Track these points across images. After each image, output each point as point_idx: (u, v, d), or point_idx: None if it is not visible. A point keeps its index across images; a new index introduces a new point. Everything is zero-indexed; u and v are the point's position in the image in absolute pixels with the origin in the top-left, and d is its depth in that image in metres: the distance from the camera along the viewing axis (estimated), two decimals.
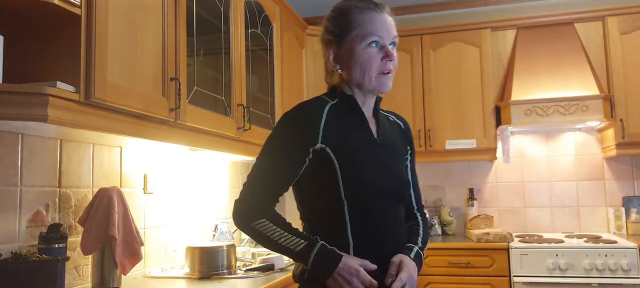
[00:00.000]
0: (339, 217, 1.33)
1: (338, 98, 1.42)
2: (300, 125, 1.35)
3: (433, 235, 3.66)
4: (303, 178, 1.36)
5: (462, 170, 3.84)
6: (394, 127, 1.55)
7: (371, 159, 1.37)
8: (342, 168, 1.32)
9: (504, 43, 3.55)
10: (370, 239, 1.36)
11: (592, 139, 3.64)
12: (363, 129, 1.41)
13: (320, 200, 1.37)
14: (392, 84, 1.40)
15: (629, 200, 3.51)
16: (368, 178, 1.34)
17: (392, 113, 1.60)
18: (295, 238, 1.30)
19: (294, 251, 1.29)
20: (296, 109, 1.38)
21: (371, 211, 1.36)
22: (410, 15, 4.00)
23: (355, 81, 1.39)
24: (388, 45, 1.38)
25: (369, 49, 1.36)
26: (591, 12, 3.40)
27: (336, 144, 1.33)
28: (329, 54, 1.42)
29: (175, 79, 1.95)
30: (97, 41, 1.53)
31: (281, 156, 1.35)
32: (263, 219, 1.31)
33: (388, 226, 1.39)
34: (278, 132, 1.39)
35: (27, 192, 1.74)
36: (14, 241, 1.67)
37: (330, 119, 1.35)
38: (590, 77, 3.25)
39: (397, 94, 3.63)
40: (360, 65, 1.36)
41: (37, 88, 1.38)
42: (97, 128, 1.60)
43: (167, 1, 1.93)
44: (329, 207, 1.35)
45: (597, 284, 2.90)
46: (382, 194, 1.37)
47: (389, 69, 1.38)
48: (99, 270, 1.88)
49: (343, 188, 1.32)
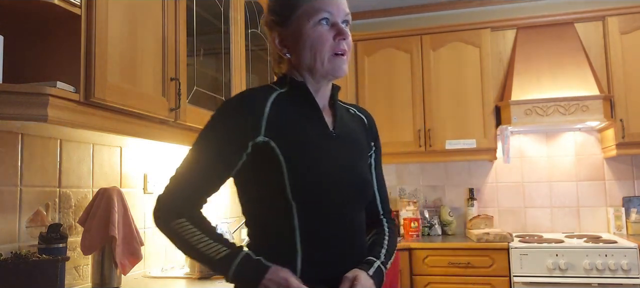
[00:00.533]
0: (286, 222, 1.15)
1: (288, 86, 1.24)
2: (239, 114, 1.17)
3: (433, 235, 3.66)
4: (245, 177, 1.20)
5: (462, 170, 3.84)
6: (355, 120, 1.36)
7: (324, 154, 1.19)
8: (288, 163, 1.14)
9: (504, 43, 3.55)
10: (323, 248, 1.17)
11: (592, 139, 3.64)
12: (315, 119, 1.23)
13: (265, 202, 1.19)
14: (347, 68, 1.24)
15: (629, 200, 3.51)
16: (319, 176, 1.16)
17: (355, 106, 1.42)
18: (216, 244, 1.13)
19: (214, 259, 1.12)
20: (237, 97, 1.22)
21: (324, 215, 1.17)
22: (410, 15, 4.00)
23: (305, 65, 1.21)
24: (340, 23, 1.21)
25: (318, 27, 1.19)
26: (591, 12, 3.40)
27: (282, 136, 1.16)
28: (274, 37, 1.25)
29: (175, 79, 1.95)
30: (97, 41, 1.53)
31: (212, 150, 1.17)
32: (182, 220, 1.15)
33: (344, 233, 1.21)
34: (212, 123, 1.20)
35: (27, 192, 1.74)
36: (14, 241, 1.67)
37: (277, 109, 1.18)
38: (590, 77, 3.25)
39: (397, 94, 3.63)
40: (309, 46, 1.19)
41: (37, 88, 1.38)
42: (97, 128, 1.60)
43: (167, 1, 1.93)
44: (274, 210, 1.17)
45: (597, 284, 2.90)
46: (337, 194, 1.18)
47: (342, 49, 1.20)
48: (99, 270, 1.88)
49: (289, 186, 1.13)
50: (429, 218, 3.72)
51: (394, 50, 3.67)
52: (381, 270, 1.24)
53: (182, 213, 1.15)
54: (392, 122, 3.63)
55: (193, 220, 1.16)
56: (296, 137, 1.17)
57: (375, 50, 3.70)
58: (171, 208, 1.16)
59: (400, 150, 3.59)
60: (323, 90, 1.27)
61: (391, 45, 3.68)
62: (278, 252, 1.15)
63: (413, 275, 3.21)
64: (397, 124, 3.62)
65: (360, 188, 1.26)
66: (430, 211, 3.79)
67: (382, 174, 1.41)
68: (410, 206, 3.66)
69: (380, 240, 1.33)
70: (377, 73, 3.69)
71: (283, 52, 1.25)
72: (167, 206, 1.17)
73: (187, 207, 1.17)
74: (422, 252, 3.21)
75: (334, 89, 1.31)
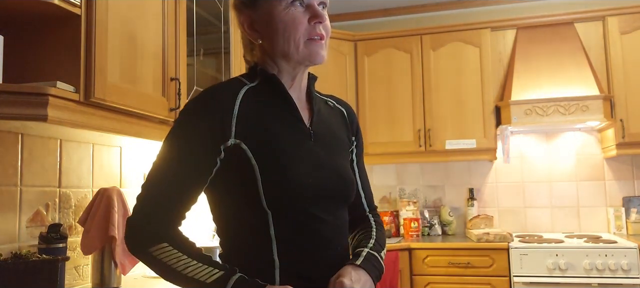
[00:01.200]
0: (262, 233, 1.05)
1: (258, 79, 1.13)
2: (206, 115, 1.04)
3: (433, 235, 3.66)
4: (215, 184, 1.07)
5: (462, 170, 3.84)
6: (334, 114, 1.25)
7: (301, 155, 1.08)
8: (262, 169, 1.03)
9: (504, 43, 3.55)
10: (303, 259, 1.07)
11: (592, 139, 3.64)
12: (290, 116, 1.12)
13: (239, 211, 1.07)
14: (326, 54, 1.13)
15: (629, 200, 3.50)
16: (296, 180, 1.05)
17: (333, 97, 1.30)
18: (206, 267, 1.00)
19: (205, 283, 0.98)
20: (202, 95, 1.08)
21: (303, 222, 1.07)
22: (410, 15, 4.00)
23: (279, 51, 1.10)
24: (316, 4, 1.10)
25: (291, 9, 1.07)
26: (591, 12, 3.40)
27: (253, 137, 1.05)
28: (243, 21, 1.13)
29: (175, 79, 1.95)
30: (97, 41, 1.53)
31: (183, 158, 1.04)
32: (164, 244, 1.00)
33: (325, 240, 1.09)
34: (179, 127, 1.07)
35: (27, 192, 1.74)
36: (14, 241, 1.67)
37: (246, 106, 1.06)
38: (590, 77, 3.25)
39: (397, 94, 3.63)
40: (282, 30, 1.08)
41: (37, 88, 1.38)
42: (97, 128, 1.60)
43: (167, 1, 1.93)
44: (248, 220, 1.06)
45: (597, 284, 2.90)
46: (316, 199, 1.08)
47: (319, 33, 1.09)
48: (98, 270, 1.88)
49: (264, 194, 1.03)
50: (429, 218, 3.72)
51: (394, 50, 3.67)
52: (372, 256, 1.14)
53: (160, 237, 1.01)
54: (392, 122, 3.63)
55: (174, 243, 1.01)
56: (269, 138, 1.06)
57: (375, 50, 3.70)
58: (147, 233, 1.02)
59: (400, 150, 3.59)
60: (299, 81, 1.16)
61: (391, 45, 3.68)
62: (254, 266, 1.04)
63: (413, 275, 3.21)
64: (397, 124, 3.62)
65: (342, 189, 1.15)
66: (430, 211, 3.79)
67: (364, 170, 1.31)
68: (410, 206, 3.66)
69: (368, 234, 1.23)
70: (377, 73, 3.69)
71: (254, 38, 1.13)
72: (141, 231, 1.02)
73: (165, 228, 1.02)
74: (422, 252, 3.21)
75: (310, 80, 1.20)
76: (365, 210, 1.30)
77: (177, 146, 1.06)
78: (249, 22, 1.13)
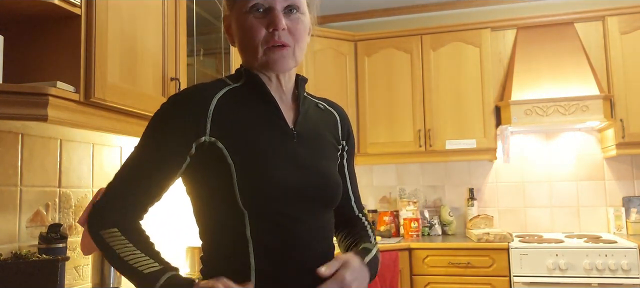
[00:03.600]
0: (238, 233, 1.03)
1: (243, 79, 1.12)
2: (180, 112, 1.04)
3: (433, 235, 3.66)
4: (193, 183, 1.08)
5: (462, 170, 3.84)
6: (324, 116, 1.22)
7: (281, 154, 1.06)
8: (237, 166, 1.02)
9: (504, 43, 3.55)
10: (280, 262, 1.03)
11: (592, 139, 3.64)
12: (272, 116, 1.09)
13: (216, 212, 1.06)
14: (293, 61, 1.08)
15: (629, 200, 3.50)
16: (273, 180, 1.03)
17: (326, 100, 1.27)
18: (147, 259, 1.00)
19: (140, 274, 0.99)
20: (180, 93, 1.10)
21: (279, 223, 1.03)
22: (410, 15, 4.00)
23: (244, 57, 1.11)
24: (279, 10, 1.05)
25: (249, 16, 1.06)
26: (591, 12, 3.40)
27: (230, 135, 1.04)
28: (225, 23, 1.16)
29: (175, 79, 1.95)
30: (97, 41, 1.53)
31: (150, 153, 1.05)
32: (114, 229, 1.01)
33: (305, 243, 1.06)
34: (153, 124, 1.07)
35: (27, 192, 1.74)
36: (14, 241, 1.67)
37: (225, 105, 1.06)
38: (590, 77, 3.25)
39: (397, 94, 3.63)
40: (242, 36, 1.08)
41: (37, 88, 1.38)
42: (97, 128, 1.60)
43: (167, 1, 1.93)
44: (225, 221, 1.04)
45: (597, 284, 2.90)
46: (296, 200, 1.05)
47: (277, 41, 1.05)
48: (99, 270, 1.88)
49: (239, 194, 1.01)
50: (429, 218, 3.72)
51: (394, 50, 3.67)
52: (375, 258, 1.15)
53: (114, 223, 1.02)
54: (392, 122, 3.63)
55: (126, 231, 1.02)
56: (246, 137, 1.04)
57: (375, 50, 3.70)
58: (103, 217, 1.03)
59: (400, 150, 3.59)
60: (284, 82, 1.13)
61: (391, 45, 3.68)
62: (231, 267, 1.03)
63: (413, 275, 3.21)
64: (397, 124, 3.62)
65: (324, 191, 1.11)
66: (430, 211, 3.79)
67: (354, 173, 1.29)
68: (410, 206, 3.66)
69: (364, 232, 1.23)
70: (377, 73, 3.69)
71: (231, 41, 1.14)
72: (100, 214, 1.03)
73: (122, 217, 1.03)
74: (422, 252, 3.21)
75: (299, 81, 1.17)
76: (355, 212, 1.29)
77: (147, 140, 1.06)
78: (227, 25, 1.15)
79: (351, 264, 1.05)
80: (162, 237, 2.45)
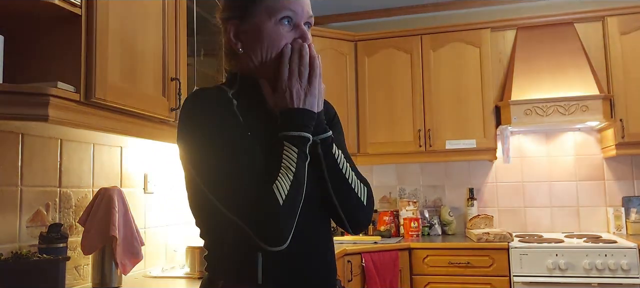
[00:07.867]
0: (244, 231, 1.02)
1: (237, 86, 1.16)
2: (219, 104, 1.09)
3: (433, 235, 3.66)
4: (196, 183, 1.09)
5: (462, 170, 3.84)
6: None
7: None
8: None
9: (504, 43, 3.55)
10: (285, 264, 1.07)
11: (592, 139, 3.64)
12: (267, 120, 1.12)
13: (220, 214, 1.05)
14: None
15: (628, 200, 3.51)
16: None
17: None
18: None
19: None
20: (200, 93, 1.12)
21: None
22: (410, 15, 4.00)
23: (257, 61, 1.15)
24: (303, 24, 1.15)
25: (279, 26, 1.12)
26: (591, 12, 3.40)
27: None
28: (230, 30, 1.17)
29: (175, 79, 1.96)
30: (97, 41, 1.54)
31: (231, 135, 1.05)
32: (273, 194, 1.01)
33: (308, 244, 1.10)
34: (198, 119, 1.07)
35: (28, 192, 1.74)
36: (15, 241, 1.68)
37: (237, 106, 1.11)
38: (590, 77, 3.25)
39: (397, 94, 3.63)
40: (267, 44, 1.12)
41: (37, 88, 1.38)
42: (97, 128, 1.60)
43: (167, 1, 1.94)
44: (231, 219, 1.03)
45: (597, 284, 2.90)
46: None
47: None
48: (99, 270, 1.88)
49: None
50: (429, 218, 3.72)
51: (394, 50, 3.68)
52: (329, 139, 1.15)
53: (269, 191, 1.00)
54: (392, 122, 3.63)
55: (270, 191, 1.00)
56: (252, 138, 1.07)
57: (375, 50, 3.70)
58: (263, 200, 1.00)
59: (400, 150, 3.59)
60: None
61: (391, 45, 3.68)
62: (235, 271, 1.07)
63: (413, 275, 3.21)
64: (397, 124, 3.62)
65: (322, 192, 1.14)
66: (430, 211, 3.79)
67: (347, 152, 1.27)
68: (410, 206, 3.66)
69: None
70: (377, 73, 3.69)
71: (236, 47, 1.16)
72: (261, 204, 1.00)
73: (264, 185, 1.01)
74: (422, 251, 3.21)
75: None
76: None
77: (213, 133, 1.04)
78: (235, 31, 1.17)
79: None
80: (162, 237, 2.45)
